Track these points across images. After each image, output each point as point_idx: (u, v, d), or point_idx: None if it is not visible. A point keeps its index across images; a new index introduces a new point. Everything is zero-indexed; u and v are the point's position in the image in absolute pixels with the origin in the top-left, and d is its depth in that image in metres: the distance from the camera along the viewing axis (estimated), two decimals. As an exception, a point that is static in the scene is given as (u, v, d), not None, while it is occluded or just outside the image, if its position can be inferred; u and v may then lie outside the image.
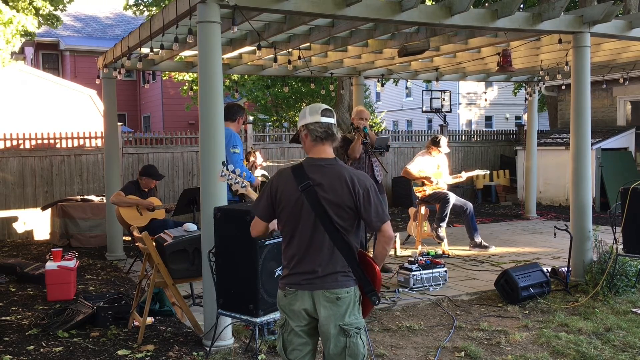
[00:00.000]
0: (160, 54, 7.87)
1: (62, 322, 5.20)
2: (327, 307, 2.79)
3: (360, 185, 2.82)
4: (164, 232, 5.28)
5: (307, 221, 2.83)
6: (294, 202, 2.84)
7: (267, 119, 21.09)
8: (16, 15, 10.05)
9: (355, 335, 2.80)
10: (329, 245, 2.81)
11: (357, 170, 2.95)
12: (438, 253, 8.05)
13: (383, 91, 33.26)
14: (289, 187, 2.86)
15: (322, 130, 2.89)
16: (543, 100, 18.61)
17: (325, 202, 2.80)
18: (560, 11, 6.02)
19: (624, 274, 6.12)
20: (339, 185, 2.82)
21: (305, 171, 2.86)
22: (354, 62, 9.37)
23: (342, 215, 2.81)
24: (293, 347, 2.87)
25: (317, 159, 2.91)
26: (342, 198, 2.80)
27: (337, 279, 2.81)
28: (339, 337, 2.78)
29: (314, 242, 2.82)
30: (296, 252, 2.86)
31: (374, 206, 2.83)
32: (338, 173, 2.85)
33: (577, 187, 6.54)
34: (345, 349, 2.79)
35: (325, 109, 2.94)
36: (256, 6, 5.11)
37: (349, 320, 2.80)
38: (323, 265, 2.81)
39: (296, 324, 2.86)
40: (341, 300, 2.80)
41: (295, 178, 2.86)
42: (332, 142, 2.92)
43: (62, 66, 25.20)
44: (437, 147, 8.38)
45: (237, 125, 6.05)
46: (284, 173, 2.94)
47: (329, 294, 2.79)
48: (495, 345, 4.67)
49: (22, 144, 10.63)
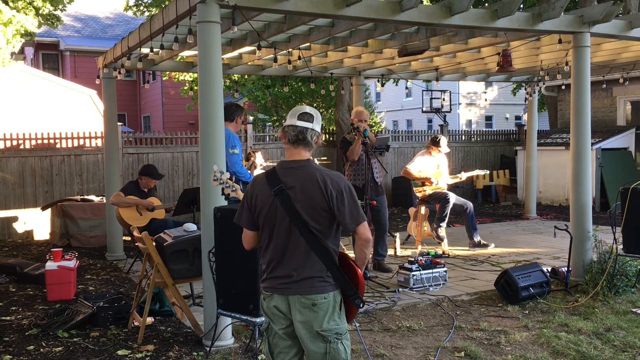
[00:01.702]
0: (160, 54, 7.87)
1: (62, 322, 5.20)
2: (302, 313, 2.76)
3: (333, 187, 2.77)
4: (164, 232, 5.28)
5: (282, 225, 2.80)
6: (268, 206, 2.81)
7: (267, 119, 21.08)
8: (16, 15, 10.04)
9: (336, 341, 2.77)
10: (304, 249, 2.77)
11: (332, 171, 2.89)
12: (438, 253, 8.05)
13: (383, 91, 33.26)
14: (263, 192, 2.84)
15: (294, 134, 2.85)
16: (543, 100, 18.60)
17: (298, 205, 2.76)
18: (560, 11, 6.02)
19: (624, 274, 6.12)
20: (311, 187, 2.77)
21: (278, 175, 2.84)
22: (354, 62, 9.37)
23: (316, 218, 2.77)
24: (279, 350, 2.87)
25: (291, 161, 2.88)
26: (315, 200, 2.76)
27: (313, 284, 2.77)
28: (318, 343, 2.75)
29: (289, 246, 2.79)
30: (273, 257, 2.84)
31: (347, 208, 2.78)
32: (310, 175, 2.80)
33: (577, 187, 6.54)
34: (326, 354, 2.76)
35: (304, 112, 2.89)
36: (256, 6, 5.11)
37: (328, 327, 2.76)
38: (298, 269, 2.78)
39: (278, 327, 2.85)
40: (317, 306, 2.76)
41: (268, 182, 2.83)
42: (305, 146, 2.87)
43: (62, 66, 25.20)
44: (437, 147, 8.38)
45: (236, 125, 6.03)
46: (258, 179, 2.92)
47: (304, 300, 2.76)
48: (495, 345, 4.67)
49: (22, 144, 10.63)
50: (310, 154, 2.92)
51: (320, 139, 2.95)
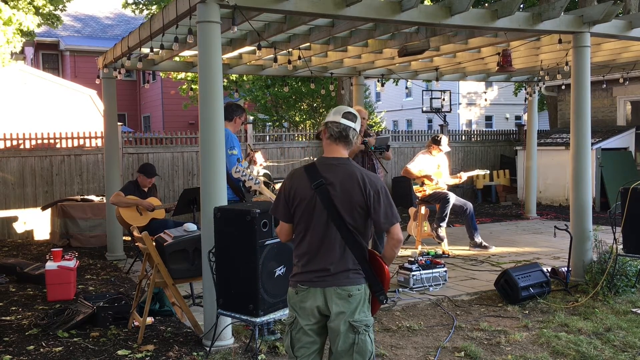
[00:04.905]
0: (160, 54, 7.87)
1: (62, 322, 5.20)
2: (338, 304, 2.83)
3: (371, 186, 2.86)
4: (164, 232, 5.28)
5: (320, 219, 2.86)
6: (307, 200, 2.88)
7: (267, 119, 21.08)
8: (16, 14, 10.04)
9: (364, 332, 2.84)
10: (340, 244, 2.85)
11: (369, 172, 3.00)
12: (438, 253, 8.05)
13: (383, 91, 33.25)
14: (302, 186, 2.91)
15: (337, 131, 2.94)
16: (543, 100, 18.60)
17: (337, 201, 2.84)
18: (560, 11, 6.02)
19: (624, 274, 6.12)
20: (350, 184, 2.85)
21: (318, 170, 2.91)
22: (354, 62, 9.37)
23: (353, 214, 2.85)
24: (301, 345, 2.91)
25: (331, 158, 2.96)
26: (354, 198, 2.84)
27: (348, 276, 2.85)
28: (348, 334, 2.82)
29: (326, 240, 2.86)
30: (308, 250, 2.90)
31: (383, 208, 2.86)
32: (350, 172, 2.89)
33: (577, 187, 6.54)
34: (354, 345, 2.82)
35: (349, 112, 3.01)
36: (256, 6, 5.11)
37: (359, 317, 2.84)
38: (335, 263, 2.85)
39: (305, 322, 2.89)
40: (352, 297, 2.83)
41: (308, 176, 2.90)
42: (345, 144, 2.97)
43: (62, 66, 25.20)
44: (437, 146, 8.38)
45: (235, 125, 6.00)
46: (297, 172, 2.99)
47: (340, 291, 2.83)
48: (495, 345, 4.67)
49: (22, 144, 10.63)
50: (348, 153, 2.99)
51: (359, 140, 3.03)
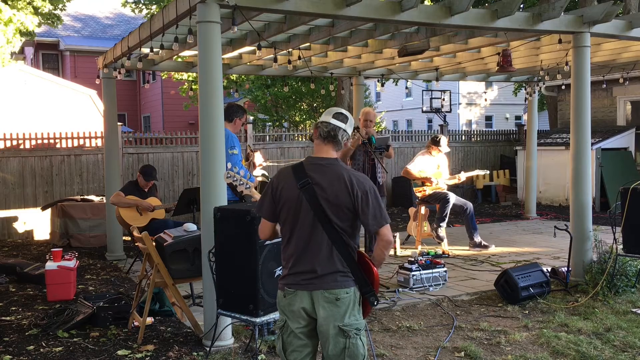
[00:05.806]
0: (160, 54, 7.87)
1: (62, 322, 5.19)
2: (326, 308, 2.79)
3: (359, 187, 2.82)
4: (164, 232, 5.28)
5: (306, 220, 2.83)
6: (293, 199, 2.85)
7: (267, 119, 21.08)
8: (16, 14, 10.04)
9: (355, 336, 2.79)
10: (327, 245, 2.81)
11: (357, 172, 2.96)
12: (438, 253, 8.05)
13: (383, 91, 33.24)
14: (288, 185, 2.87)
15: (326, 131, 2.92)
16: (543, 100, 18.60)
17: (323, 201, 2.80)
18: (560, 11, 6.02)
19: (624, 274, 6.12)
20: (337, 185, 2.82)
21: (305, 169, 2.88)
22: (354, 62, 9.37)
23: (340, 215, 2.81)
24: (293, 349, 2.87)
25: (318, 158, 2.93)
26: (341, 199, 2.80)
27: (336, 279, 2.80)
28: (338, 338, 2.78)
29: (312, 241, 2.82)
30: (294, 251, 2.86)
31: (371, 209, 2.82)
32: (337, 173, 2.85)
33: (577, 187, 6.54)
34: (345, 349, 2.78)
35: (339, 112, 2.99)
36: (256, 6, 5.11)
37: (349, 321, 2.79)
38: (322, 264, 2.81)
39: (295, 325, 2.85)
40: (340, 300, 2.79)
41: (295, 176, 2.87)
42: (334, 144, 2.94)
43: (62, 66, 25.20)
44: (437, 147, 8.38)
45: (235, 127, 6.02)
46: (284, 171, 2.96)
47: (328, 294, 2.79)
48: (495, 345, 4.67)
49: (22, 144, 10.63)
50: (337, 154, 2.97)
51: (349, 142, 3.03)
